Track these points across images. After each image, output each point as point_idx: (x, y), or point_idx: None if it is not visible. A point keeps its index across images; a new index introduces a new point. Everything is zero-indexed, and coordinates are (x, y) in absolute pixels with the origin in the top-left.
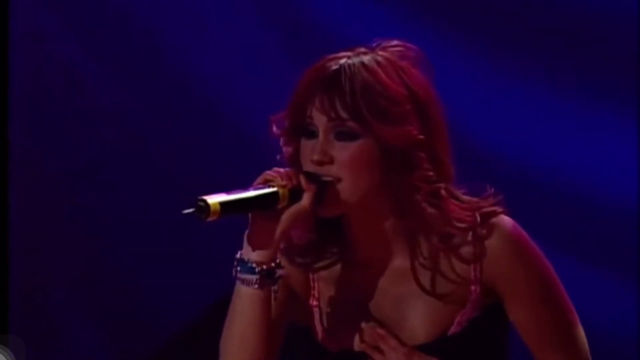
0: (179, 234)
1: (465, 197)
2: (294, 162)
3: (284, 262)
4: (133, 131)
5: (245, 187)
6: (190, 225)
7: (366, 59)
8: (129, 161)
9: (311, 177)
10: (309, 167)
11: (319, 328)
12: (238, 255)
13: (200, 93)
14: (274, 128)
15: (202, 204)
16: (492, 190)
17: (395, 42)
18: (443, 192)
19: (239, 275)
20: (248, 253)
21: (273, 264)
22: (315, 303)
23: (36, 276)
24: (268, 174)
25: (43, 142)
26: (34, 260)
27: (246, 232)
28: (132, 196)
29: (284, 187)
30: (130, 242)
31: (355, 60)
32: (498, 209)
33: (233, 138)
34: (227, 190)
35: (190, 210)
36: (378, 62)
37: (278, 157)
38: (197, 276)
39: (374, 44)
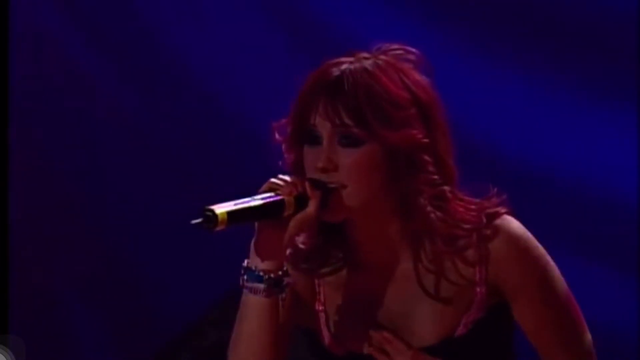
0: (180, 234)
1: (469, 199)
2: (297, 168)
3: (288, 268)
4: (134, 131)
5: (250, 195)
6: (190, 225)
7: (368, 63)
8: (129, 161)
9: (316, 184)
10: (313, 173)
11: (325, 333)
12: (245, 264)
13: (202, 93)
14: (276, 135)
15: (209, 213)
16: (495, 190)
17: (395, 46)
18: (448, 194)
19: (246, 284)
20: (255, 261)
21: (280, 272)
22: (321, 308)
23: (36, 276)
24: (273, 182)
25: (43, 142)
26: (34, 260)
27: (253, 241)
28: (133, 196)
29: (289, 194)
30: (130, 242)
31: (357, 65)
32: (502, 209)
33: (234, 138)
34: (229, 194)
35: (198, 220)
36: (380, 67)
37: (280, 162)
38: (198, 276)
39: (374, 48)
